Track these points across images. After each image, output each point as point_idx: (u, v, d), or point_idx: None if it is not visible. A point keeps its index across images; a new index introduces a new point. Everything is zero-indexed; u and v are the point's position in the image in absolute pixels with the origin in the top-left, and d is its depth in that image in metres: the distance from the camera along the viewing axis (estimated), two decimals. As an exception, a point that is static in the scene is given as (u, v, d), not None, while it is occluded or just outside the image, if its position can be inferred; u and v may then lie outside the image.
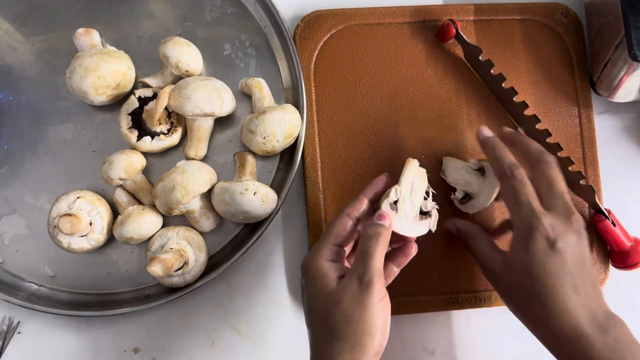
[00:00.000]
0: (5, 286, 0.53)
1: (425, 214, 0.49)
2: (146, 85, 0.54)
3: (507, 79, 0.55)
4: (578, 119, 0.59)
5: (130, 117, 0.53)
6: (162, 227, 0.53)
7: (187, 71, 0.53)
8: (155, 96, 0.53)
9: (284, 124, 0.51)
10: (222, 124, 0.56)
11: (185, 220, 0.54)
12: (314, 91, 0.57)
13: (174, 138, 0.54)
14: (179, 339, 0.55)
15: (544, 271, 0.44)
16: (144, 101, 0.53)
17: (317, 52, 0.57)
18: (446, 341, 0.57)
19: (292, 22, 0.59)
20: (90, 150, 0.55)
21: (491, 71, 0.56)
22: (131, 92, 0.54)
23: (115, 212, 0.53)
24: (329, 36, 0.58)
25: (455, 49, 0.59)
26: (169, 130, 0.53)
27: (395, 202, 0.46)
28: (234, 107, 0.54)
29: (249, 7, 0.57)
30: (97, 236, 0.52)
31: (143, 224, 0.51)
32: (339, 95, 0.57)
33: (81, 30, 0.52)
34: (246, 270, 0.56)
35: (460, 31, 0.56)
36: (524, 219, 0.45)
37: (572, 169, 0.54)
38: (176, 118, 0.54)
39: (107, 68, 0.51)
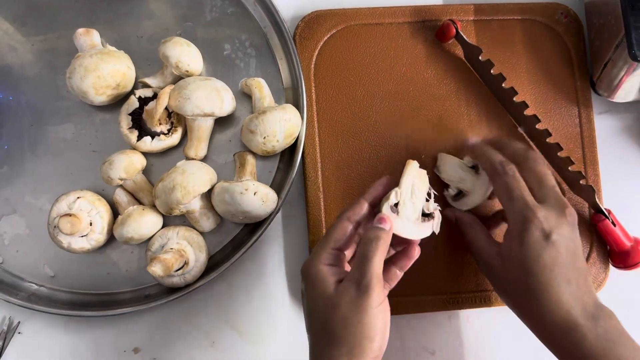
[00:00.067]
0: (5, 286, 0.53)
1: (427, 215, 0.48)
2: (146, 85, 0.54)
3: (507, 79, 0.55)
4: (578, 119, 0.59)
5: (131, 117, 0.53)
6: (162, 227, 0.53)
7: (187, 71, 0.53)
8: (155, 96, 0.53)
9: (284, 124, 0.51)
10: (222, 124, 0.56)
11: (185, 220, 0.54)
12: (314, 91, 0.57)
13: (174, 138, 0.54)
14: (179, 339, 0.55)
15: (537, 264, 0.44)
16: (144, 101, 0.53)
17: (317, 52, 0.57)
18: (446, 341, 0.57)
19: (292, 22, 0.59)
20: (90, 150, 0.55)
21: (491, 71, 0.56)
22: (131, 92, 0.54)
23: (115, 212, 0.53)
24: (329, 36, 0.58)
25: (455, 49, 0.59)
26: (169, 130, 0.53)
27: (396, 205, 0.45)
28: (234, 107, 0.54)
29: (249, 7, 0.57)
30: (97, 236, 0.52)
31: (143, 224, 0.51)
32: (339, 95, 0.57)
33: (81, 30, 0.52)
34: (246, 270, 0.56)
35: (460, 31, 0.56)
36: (518, 212, 0.46)
37: (572, 169, 0.54)
38: (176, 118, 0.54)
39: (107, 68, 0.51)
